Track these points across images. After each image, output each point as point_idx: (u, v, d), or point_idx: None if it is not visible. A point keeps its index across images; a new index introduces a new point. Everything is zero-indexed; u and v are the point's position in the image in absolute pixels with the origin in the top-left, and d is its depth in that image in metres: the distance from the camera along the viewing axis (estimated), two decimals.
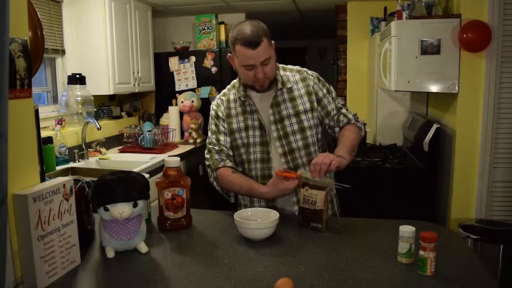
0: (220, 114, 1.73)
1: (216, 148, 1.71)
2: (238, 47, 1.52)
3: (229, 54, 1.63)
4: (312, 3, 4.17)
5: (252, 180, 1.66)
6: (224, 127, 1.72)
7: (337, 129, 1.75)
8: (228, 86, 1.78)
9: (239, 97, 1.69)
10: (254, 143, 1.68)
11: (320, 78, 1.75)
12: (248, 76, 1.58)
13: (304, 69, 1.75)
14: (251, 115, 1.68)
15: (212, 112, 1.76)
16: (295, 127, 1.67)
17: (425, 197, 2.81)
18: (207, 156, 1.76)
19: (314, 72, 1.76)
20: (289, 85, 1.68)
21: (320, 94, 1.71)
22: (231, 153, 1.72)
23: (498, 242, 2.26)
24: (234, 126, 1.70)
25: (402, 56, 2.57)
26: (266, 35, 1.53)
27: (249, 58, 1.52)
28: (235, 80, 1.76)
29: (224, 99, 1.75)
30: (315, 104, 1.69)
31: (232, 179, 1.67)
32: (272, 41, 1.58)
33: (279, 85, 1.66)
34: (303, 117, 1.67)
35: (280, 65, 1.74)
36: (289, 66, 1.75)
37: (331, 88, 1.76)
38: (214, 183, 1.75)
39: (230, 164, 1.70)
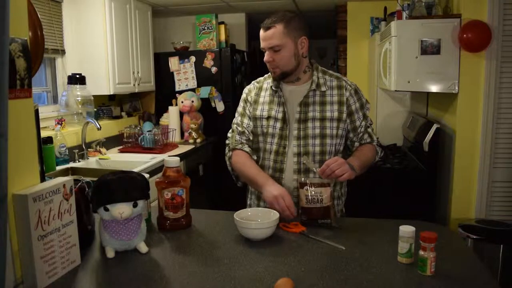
0: (249, 98, 1.78)
1: (239, 129, 1.76)
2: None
3: None
4: (312, 3, 4.17)
5: (259, 172, 1.64)
6: (249, 111, 1.76)
7: (357, 144, 1.72)
8: (265, 75, 1.81)
9: (271, 87, 1.72)
10: (273, 134, 1.69)
11: (358, 90, 1.72)
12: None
13: (345, 78, 1.74)
14: (277, 107, 1.69)
15: (243, 95, 1.81)
16: (317, 131, 1.65)
17: (425, 197, 2.80)
18: (229, 135, 1.81)
19: (353, 83, 1.73)
20: (323, 89, 1.67)
21: (353, 107, 1.69)
22: (251, 137, 1.76)
23: (498, 242, 2.26)
24: (258, 113, 1.73)
25: (402, 56, 2.57)
26: (284, 23, 1.58)
27: (261, 39, 1.62)
28: None
29: (257, 85, 1.79)
30: (344, 115, 1.67)
31: (242, 162, 1.69)
32: (303, 37, 1.62)
33: (313, 86, 1.67)
34: (328, 124, 1.65)
35: (321, 68, 1.75)
36: (330, 71, 1.75)
37: (367, 104, 1.74)
38: (228, 162, 1.79)
39: (247, 149, 1.73)
